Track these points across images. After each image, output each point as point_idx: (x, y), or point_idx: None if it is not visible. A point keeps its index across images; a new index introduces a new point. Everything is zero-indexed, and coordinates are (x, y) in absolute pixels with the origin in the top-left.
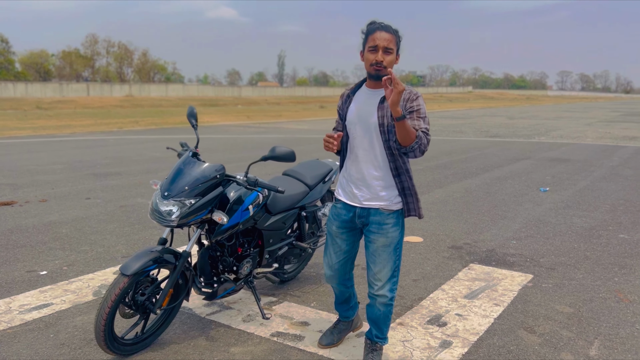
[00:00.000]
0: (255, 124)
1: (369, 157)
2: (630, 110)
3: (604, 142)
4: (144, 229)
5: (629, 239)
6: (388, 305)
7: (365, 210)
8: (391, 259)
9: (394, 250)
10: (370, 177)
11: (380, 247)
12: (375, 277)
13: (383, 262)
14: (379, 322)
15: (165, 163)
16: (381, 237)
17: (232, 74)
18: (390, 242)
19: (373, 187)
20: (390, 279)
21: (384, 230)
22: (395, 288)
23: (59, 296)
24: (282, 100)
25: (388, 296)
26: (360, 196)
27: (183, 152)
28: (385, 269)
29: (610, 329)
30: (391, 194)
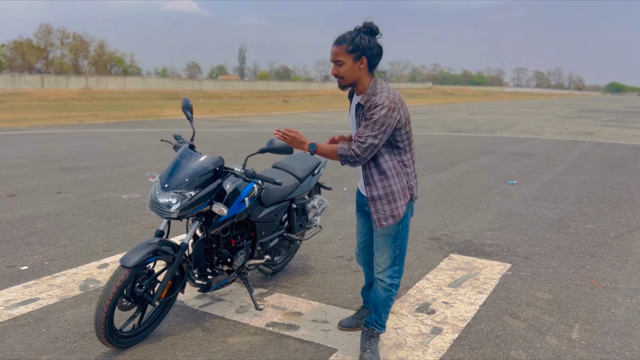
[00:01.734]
0: (219, 118)
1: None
2: (584, 107)
3: (562, 137)
4: (121, 223)
5: (596, 229)
6: (387, 290)
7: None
8: (390, 248)
9: (392, 240)
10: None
11: (380, 235)
12: (376, 261)
13: (381, 249)
14: (378, 306)
15: (133, 157)
16: (379, 227)
17: (191, 67)
18: (388, 232)
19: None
20: (391, 266)
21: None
22: (397, 276)
23: (45, 291)
24: (244, 94)
25: (386, 282)
26: (362, 187)
27: (179, 145)
28: (383, 256)
29: (588, 314)
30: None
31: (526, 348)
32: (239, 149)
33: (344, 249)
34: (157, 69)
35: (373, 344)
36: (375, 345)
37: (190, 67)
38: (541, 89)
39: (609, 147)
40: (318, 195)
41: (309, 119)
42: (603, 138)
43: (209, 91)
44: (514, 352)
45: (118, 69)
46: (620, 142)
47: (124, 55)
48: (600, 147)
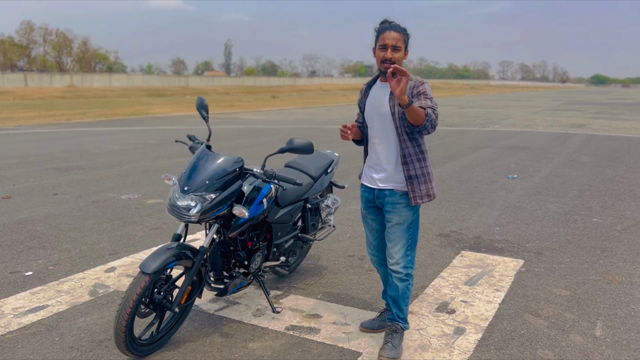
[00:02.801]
0: (210, 115)
1: (384, 144)
2: (571, 99)
3: (554, 130)
4: (123, 224)
5: (603, 222)
6: (403, 280)
7: (381, 191)
8: (404, 237)
9: (407, 229)
10: (385, 161)
11: (394, 225)
12: (389, 253)
13: (396, 239)
14: (398, 299)
15: (127, 156)
16: (395, 216)
17: (177, 63)
18: (404, 220)
19: (387, 171)
20: (405, 256)
21: (397, 209)
22: (410, 266)
23: (53, 297)
24: (232, 90)
25: (402, 272)
26: (377, 179)
27: (195, 145)
28: (397, 246)
29: (609, 310)
30: (402, 178)
31: (552, 347)
32: (235, 146)
33: (354, 248)
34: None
35: (396, 339)
36: (398, 340)
37: (176, 63)
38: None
39: (602, 140)
40: (331, 194)
41: (299, 114)
42: (594, 130)
43: (195, 87)
44: (541, 351)
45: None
46: (612, 134)
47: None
48: (593, 139)
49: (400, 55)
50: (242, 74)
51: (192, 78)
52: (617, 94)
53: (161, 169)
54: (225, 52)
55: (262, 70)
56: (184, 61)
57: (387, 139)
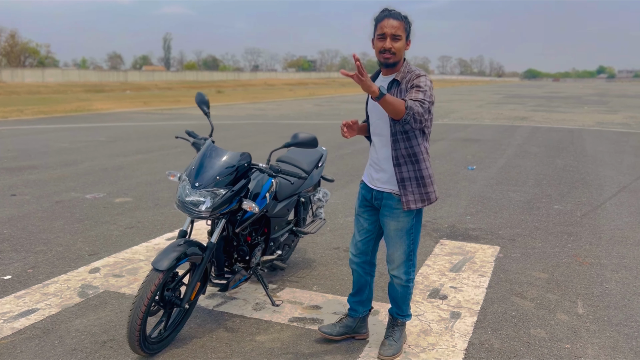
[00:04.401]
0: (156, 111)
1: (383, 142)
2: (509, 93)
3: (500, 123)
4: (95, 224)
5: (563, 209)
6: (405, 287)
7: (380, 193)
8: (404, 243)
9: (406, 234)
10: (384, 161)
11: (392, 230)
12: (389, 258)
13: (395, 245)
14: (397, 300)
15: (80, 154)
16: (392, 221)
17: (113, 58)
18: (402, 226)
19: (386, 171)
20: (406, 262)
21: (395, 214)
22: (412, 271)
23: (41, 300)
24: (173, 85)
25: (403, 278)
26: (376, 179)
27: (198, 141)
28: (397, 252)
29: (585, 289)
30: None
31: (543, 326)
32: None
33: (338, 240)
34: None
35: (396, 333)
36: (398, 333)
37: (112, 57)
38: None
39: (546, 131)
40: (321, 188)
41: (249, 109)
42: (537, 122)
43: (135, 82)
44: (533, 330)
45: (33, 60)
46: (554, 126)
47: (38, 46)
48: (538, 131)
49: (401, 45)
50: (183, 68)
51: (130, 73)
52: (550, 87)
53: (119, 167)
54: (164, 46)
55: (203, 65)
56: (120, 55)
57: (385, 138)
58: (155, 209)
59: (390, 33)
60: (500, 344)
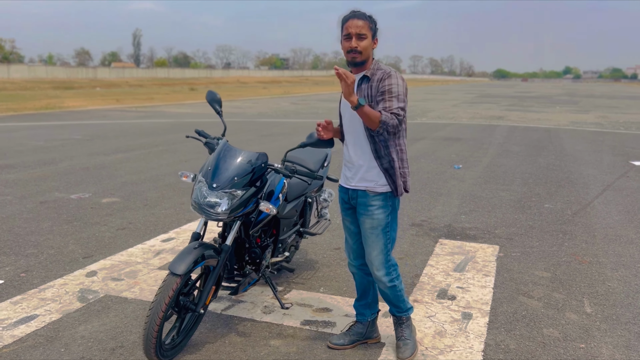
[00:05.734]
0: (131, 109)
1: (355, 140)
2: (482, 92)
3: (478, 122)
4: (86, 226)
5: (554, 208)
6: (390, 287)
7: (354, 192)
8: (380, 241)
9: (382, 232)
10: (356, 158)
11: (367, 229)
12: (368, 258)
13: (372, 244)
14: (390, 300)
15: (58, 152)
16: (367, 219)
17: (81, 54)
18: (377, 224)
19: (359, 168)
20: (385, 262)
21: (370, 212)
22: (394, 270)
23: (39, 306)
24: (145, 82)
25: (385, 281)
26: (350, 178)
27: (211, 141)
28: (375, 251)
29: (589, 288)
30: (375, 175)
31: (555, 326)
32: (173, 141)
33: (338, 240)
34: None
35: (406, 330)
36: (408, 330)
37: (80, 53)
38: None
39: (524, 131)
40: (326, 188)
41: (226, 107)
42: (514, 122)
43: (105, 79)
44: (546, 330)
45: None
46: (530, 126)
47: (3, 41)
48: (515, 130)
49: (367, 44)
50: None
51: (100, 69)
52: (520, 87)
53: (101, 166)
54: (134, 43)
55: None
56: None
57: (357, 136)
58: (145, 209)
59: (355, 32)
60: (516, 345)
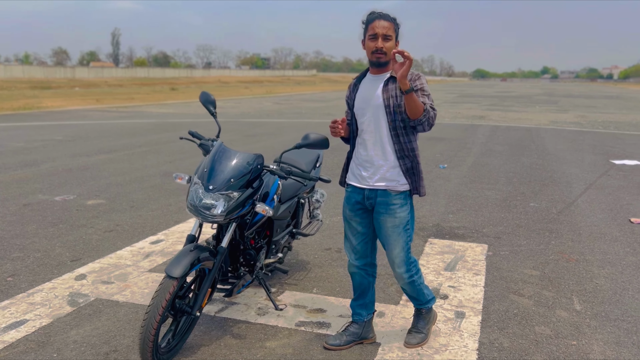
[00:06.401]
0: (111, 109)
1: (376, 139)
2: (462, 92)
3: (460, 122)
4: (72, 228)
5: (539, 206)
6: (409, 283)
7: (373, 191)
8: (401, 239)
9: (403, 230)
10: (377, 158)
11: (389, 227)
12: (389, 257)
13: (394, 242)
14: (411, 294)
15: (39, 154)
16: (389, 218)
17: (58, 54)
18: (399, 222)
19: (379, 168)
20: (406, 261)
21: (392, 210)
22: (414, 267)
23: (29, 311)
24: (124, 82)
25: (405, 277)
26: (367, 177)
27: (206, 142)
28: (396, 250)
29: (577, 286)
30: (397, 174)
31: (546, 323)
32: (156, 141)
33: (328, 241)
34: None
35: (421, 322)
36: (423, 322)
37: (57, 53)
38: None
39: (506, 130)
40: (318, 189)
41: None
42: (495, 121)
43: (83, 79)
44: (538, 327)
45: None
46: (512, 125)
47: None
48: (497, 130)
49: (391, 45)
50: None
51: (78, 69)
52: (500, 87)
53: (84, 167)
54: (112, 42)
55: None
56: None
57: (380, 135)
58: (131, 211)
59: (382, 33)
60: (509, 343)
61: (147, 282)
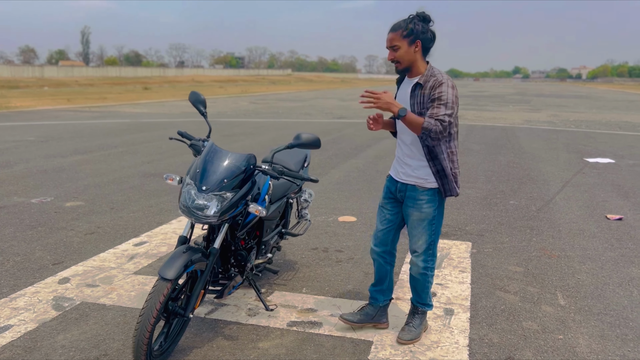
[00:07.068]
0: (84, 109)
1: (407, 139)
2: None
3: None
4: (51, 231)
5: (519, 204)
6: (422, 274)
7: (404, 185)
8: (425, 233)
9: (428, 225)
10: (407, 157)
11: (415, 220)
12: (411, 247)
13: (418, 234)
14: (417, 288)
15: (11, 155)
16: (415, 212)
17: (26, 52)
18: (425, 217)
19: (409, 166)
20: (426, 251)
21: (418, 205)
22: (431, 260)
23: (12, 316)
24: (95, 82)
25: (421, 266)
26: (402, 173)
27: (196, 143)
28: (420, 242)
29: (561, 281)
30: (425, 173)
31: (533, 318)
32: (132, 141)
33: (314, 240)
34: None
35: (416, 320)
36: (418, 321)
37: (24, 51)
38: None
39: (482, 129)
40: (306, 189)
41: (182, 107)
42: (471, 121)
43: (53, 78)
44: (525, 323)
45: None
46: (487, 124)
47: None
48: (474, 129)
49: (402, 52)
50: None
51: (47, 68)
52: (473, 87)
53: (60, 169)
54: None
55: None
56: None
57: (409, 135)
58: (112, 212)
59: (389, 46)
60: (498, 339)
61: (134, 285)
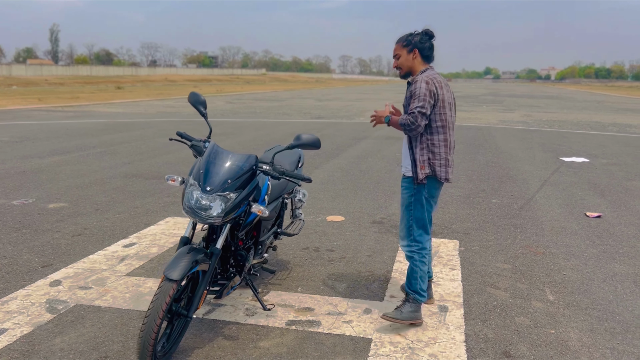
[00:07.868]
0: (56, 108)
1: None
2: None
3: None
4: (37, 233)
5: (501, 203)
6: (409, 257)
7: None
8: (405, 217)
9: (406, 210)
10: (405, 148)
11: (401, 204)
12: (400, 228)
13: (402, 217)
14: (408, 273)
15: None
16: (400, 197)
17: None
18: (403, 202)
19: (403, 156)
20: (408, 236)
21: (401, 191)
22: (415, 245)
23: (6, 320)
24: (66, 81)
25: (405, 251)
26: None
27: (197, 144)
28: (402, 224)
29: (548, 277)
30: (407, 162)
31: (524, 314)
32: (110, 142)
33: (305, 240)
34: None
35: (405, 306)
36: (407, 308)
37: None
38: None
39: (458, 129)
40: (300, 189)
41: (158, 106)
42: None
43: (21, 77)
44: (518, 318)
45: None
46: (463, 124)
47: None
48: None
49: (402, 60)
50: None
51: (15, 66)
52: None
53: (39, 170)
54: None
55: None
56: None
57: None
58: (97, 214)
59: (393, 55)
60: (493, 334)
61: (128, 287)
